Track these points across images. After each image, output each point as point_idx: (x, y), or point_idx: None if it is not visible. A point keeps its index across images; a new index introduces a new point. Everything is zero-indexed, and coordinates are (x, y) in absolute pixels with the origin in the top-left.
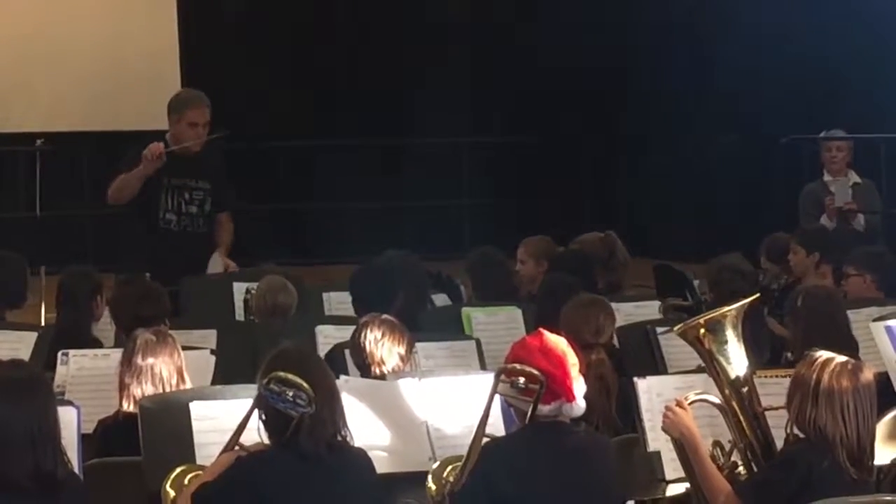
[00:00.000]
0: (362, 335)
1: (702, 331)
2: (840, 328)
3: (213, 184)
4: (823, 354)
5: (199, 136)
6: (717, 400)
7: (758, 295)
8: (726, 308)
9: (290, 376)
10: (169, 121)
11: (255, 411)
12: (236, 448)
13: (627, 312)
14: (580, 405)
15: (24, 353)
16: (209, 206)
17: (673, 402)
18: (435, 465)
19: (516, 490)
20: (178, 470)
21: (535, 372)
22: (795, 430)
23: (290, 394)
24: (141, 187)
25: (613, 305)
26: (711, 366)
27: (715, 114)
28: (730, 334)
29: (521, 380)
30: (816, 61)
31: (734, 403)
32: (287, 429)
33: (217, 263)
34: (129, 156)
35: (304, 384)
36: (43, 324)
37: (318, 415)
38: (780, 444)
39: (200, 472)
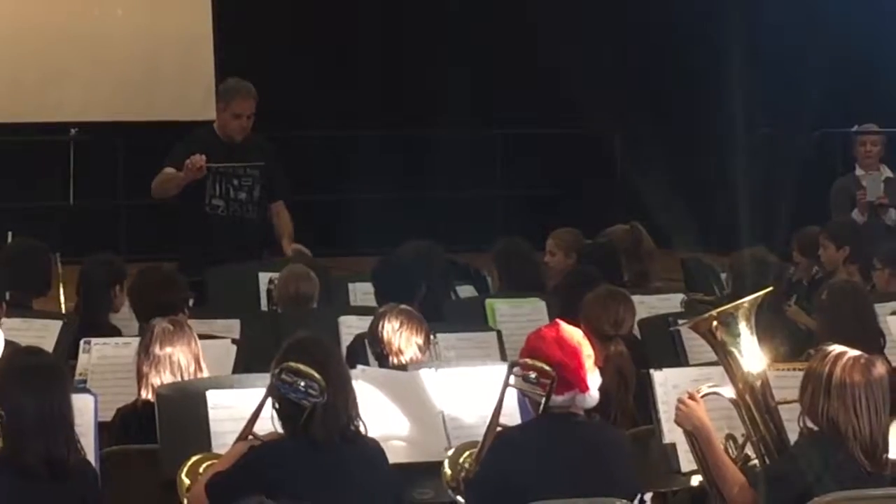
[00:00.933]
0: (380, 325)
1: (714, 323)
2: (865, 322)
3: (262, 171)
4: (836, 348)
5: (241, 127)
6: (729, 393)
7: (771, 288)
8: (738, 301)
9: (302, 367)
10: (216, 108)
11: (269, 401)
12: (250, 437)
13: (652, 305)
14: (594, 396)
15: (50, 341)
16: (258, 193)
17: (685, 394)
18: (450, 452)
19: (526, 479)
20: (194, 459)
21: (547, 368)
22: (809, 424)
23: (302, 384)
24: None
25: (638, 298)
26: (725, 359)
27: (747, 107)
28: (743, 327)
29: (533, 374)
30: (848, 54)
31: (747, 397)
32: (300, 418)
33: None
34: (175, 150)
35: (316, 374)
36: (63, 311)
37: (331, 404)
38: (793, 437)
39: (216, 460)
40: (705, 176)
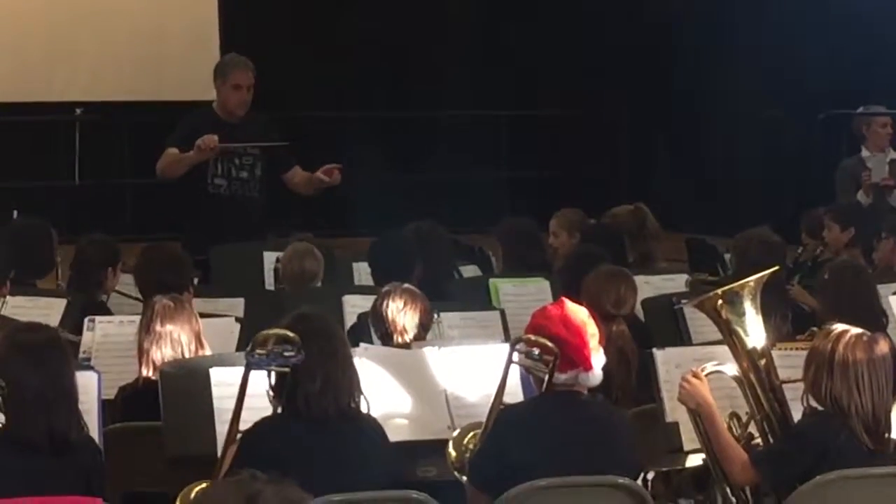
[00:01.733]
0: (384, 304)
1: (719, 302)
2: (867, 302)
3: (262, 149)
4: (839, 326)
5: (242, 100)
6: (733, 371)
7: (777, 268)
8: (744, 280)
9: (270, 332)
10: (215, 85)
11: (264, 388)
12: (238, 435)
13: (657, 285)
14: (597, 374)
15: (54, 319)
16: (260, 171)
17: (689, 372)
18: (455, 433)
19: (528, 456)
20: (185, 490)
21: (549, 344)
22: (812, 402)
23: (279, 350)
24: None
25: (643, 278)
26: (729, 337)
27: (754, 89)
28: (748, 306)
29: (536, 350)
30: (850, 35)
31: (751, 375)
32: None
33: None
34: (178, 130)
35: (288, 333)
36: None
37: (331, 379)
38: (797, 416)
39: (206, 483)
40: (710, 158)
